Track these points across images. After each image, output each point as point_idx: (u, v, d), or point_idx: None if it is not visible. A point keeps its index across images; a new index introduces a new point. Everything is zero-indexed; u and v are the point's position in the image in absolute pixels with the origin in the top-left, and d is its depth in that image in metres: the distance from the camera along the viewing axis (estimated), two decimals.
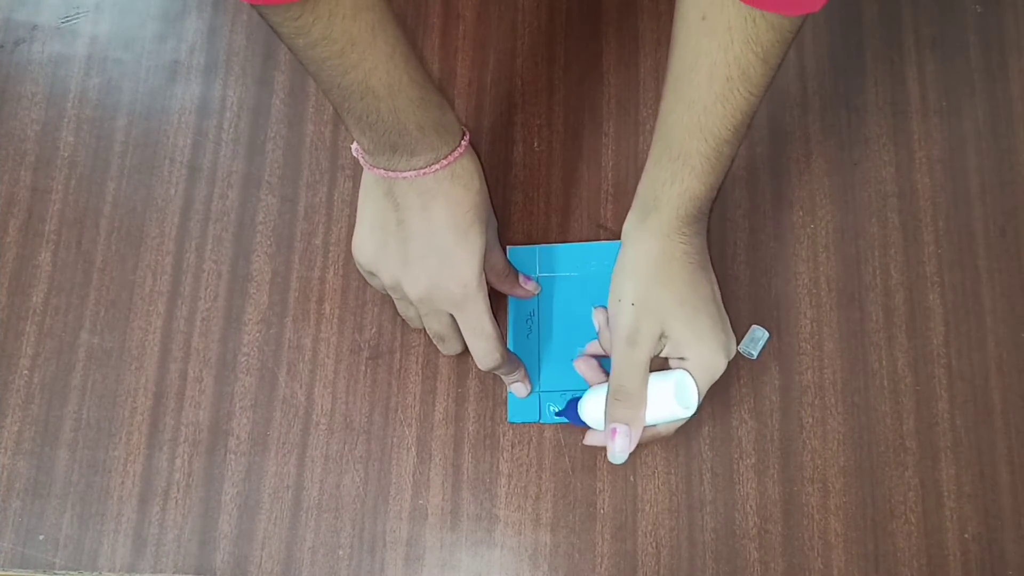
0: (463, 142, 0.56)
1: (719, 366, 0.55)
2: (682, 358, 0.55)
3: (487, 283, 0.59)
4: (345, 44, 0.49)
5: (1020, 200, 0.66)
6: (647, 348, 0.54)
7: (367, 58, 0.50)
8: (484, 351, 0.58)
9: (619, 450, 0.54)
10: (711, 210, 0.58)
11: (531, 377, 0.63)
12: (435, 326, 0.59)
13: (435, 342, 0.61)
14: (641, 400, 0.54)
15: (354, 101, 0.51)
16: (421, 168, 0.54)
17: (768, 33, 0.47)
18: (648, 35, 0.71)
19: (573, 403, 0.60)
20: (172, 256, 0.67)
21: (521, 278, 0.64)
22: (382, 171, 0.55)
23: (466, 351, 0.60)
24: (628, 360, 0.55)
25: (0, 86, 0.71)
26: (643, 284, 0.55)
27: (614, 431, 0.55)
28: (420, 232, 0.55)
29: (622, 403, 0.54)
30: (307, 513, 0.62)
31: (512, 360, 0.61)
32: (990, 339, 0.64)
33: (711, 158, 0.53)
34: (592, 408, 0.57)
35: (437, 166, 0.55)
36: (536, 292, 0.64)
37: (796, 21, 0.48)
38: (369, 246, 0.58)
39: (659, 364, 0.56)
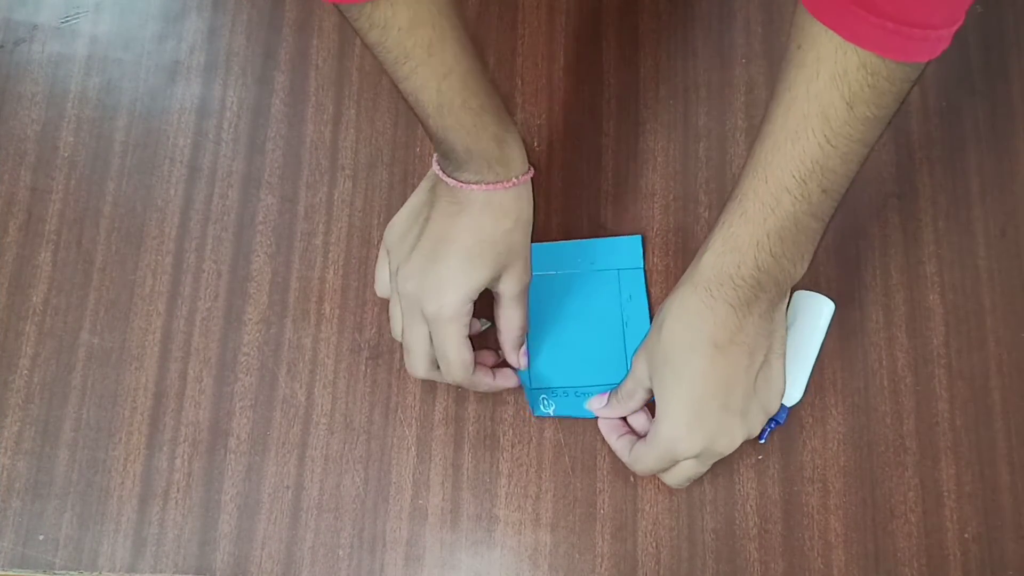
0: (515, 179, 0.55)
1: (672, 448, 0.54)
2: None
3: (499, 330, 0.60)
4: (399, 55, 0.49)
5: (1020, 200, 0.66)
6: (630, 381, 0.58)
7: (418, 73, 0.50)
8: (446, 372, 0.58)
9: (595, 406, 0.61)
10: (777, 299, 0.53)
11: (523, 376, 0.63)
12: (409, 336, 0.58)
13: (404, 352, 0.59)
14: (622, 407, 0.60)
15: (411, 103, 0.52)
16: (461, 181, 0.54)
17: (858, 73, 0.43)
18: (648, 35, 0.71)
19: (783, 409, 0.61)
20: (172, 256, 0.67)
21: (522, 350, 0.61)
22: (435, 164, 0.56)
23: (427, 380, 0.60)
24: (625, 382, 0.60)
25: (0, 86, 0.71)
26: (653, 328, 0.56)
27: (599, 396, 0.61)
28: (436, 236, 0.56)
29: (615, 399, 0.60)
30: (307, 513, 0.62)
31: (480, 381, 0.60)
32: (990, 339, 0.64)
33: (767, 204, 0.49)
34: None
35: (476, 186, 0.54)
36: (515, 379, 0.62)
37: (893, 69, 0.43)
38: (398, 227, 0.59)
39: None
